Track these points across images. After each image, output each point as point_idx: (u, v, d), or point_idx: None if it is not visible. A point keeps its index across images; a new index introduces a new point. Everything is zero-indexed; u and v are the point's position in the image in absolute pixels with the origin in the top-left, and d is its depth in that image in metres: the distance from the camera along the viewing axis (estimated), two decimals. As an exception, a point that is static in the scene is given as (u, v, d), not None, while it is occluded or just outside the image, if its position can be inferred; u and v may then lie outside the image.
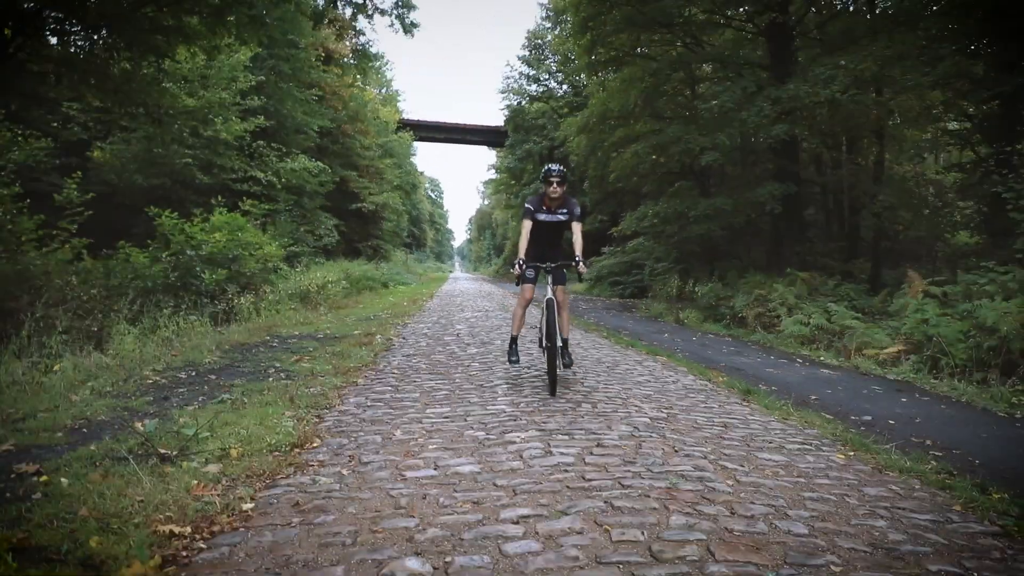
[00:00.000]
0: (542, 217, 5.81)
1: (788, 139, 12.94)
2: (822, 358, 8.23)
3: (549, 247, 5.93)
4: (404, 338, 9.23)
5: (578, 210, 5.85)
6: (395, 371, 6.54)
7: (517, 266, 5.68)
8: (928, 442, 4.36)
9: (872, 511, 2.97)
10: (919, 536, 2.71)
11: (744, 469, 3.54)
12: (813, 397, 5.81)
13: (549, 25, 36.77)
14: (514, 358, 6.06)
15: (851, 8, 15.88)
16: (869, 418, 5.05)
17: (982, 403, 5.66)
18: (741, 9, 15.33)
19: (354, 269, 20.83)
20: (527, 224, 5.81)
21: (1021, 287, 7.29)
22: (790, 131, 12.43)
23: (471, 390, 5.63)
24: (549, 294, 5.66)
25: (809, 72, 11.95)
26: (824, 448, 4.05)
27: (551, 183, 5.69)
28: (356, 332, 9.46)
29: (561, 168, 5.81)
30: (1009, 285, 7.43)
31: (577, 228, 5.76)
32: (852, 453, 3.96)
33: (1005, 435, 4.68)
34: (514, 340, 6.10)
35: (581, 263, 5.54)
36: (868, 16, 14.16)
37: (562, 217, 5.80)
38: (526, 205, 5.90)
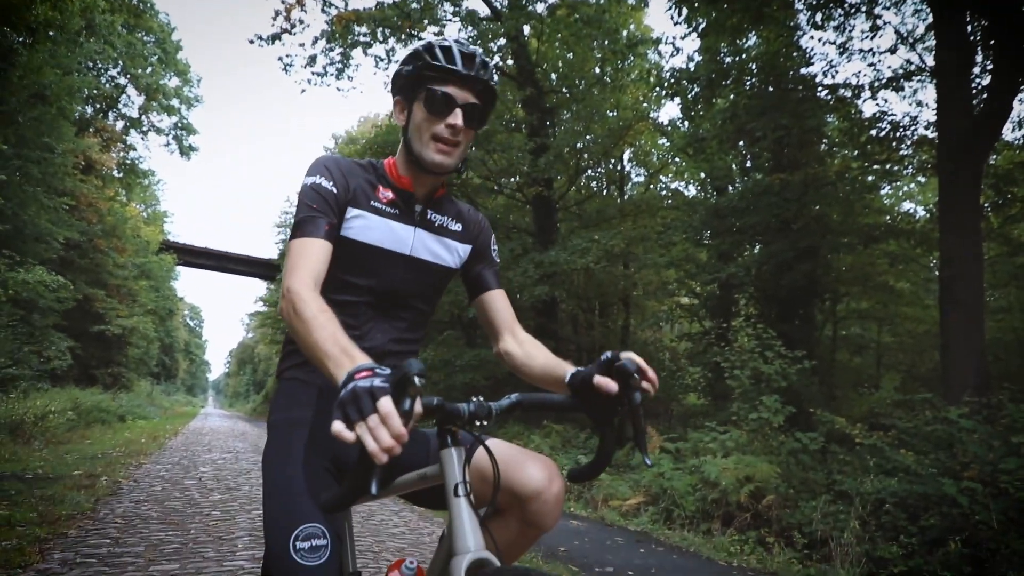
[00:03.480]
0: (376, 229, 1.64)
1: (549, 299, 14.04)
2: (572, 508, 8.52)
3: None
4: (136, 481, 8.04)
5: (496, 249, 1.95)
6: (118, 520, 5.59)
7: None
8: (661, 593, 4.59)
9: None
10: None
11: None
12: (562, 549, 5.92)
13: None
14: None
15: (604, 192, 18.32)
16: (611, 569, 5.23)
17: (706, 552, 6.14)
18: (512, 180, 16.91)
19: (85, 399, 18.14)
20: (316, 244, 1.53)
21: (737, 445, 8.28)
22: (550, 292, 13.51)
23: (208, 543, 4.96)
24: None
25: (568, 242, 13.32)
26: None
27: (449, 103, 1.57)
28: (76, 472, 8.07)
29: (483, 59, 1.62)
30: (728, 444, 8.38)
31: (504, 300, 1.88)
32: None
33: (725, 584, 5.09)
34: None
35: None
36: (618, 200, 16.39)
37: (450, 255, 1.81)
38: (319, 184, 1.59)
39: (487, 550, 1.21)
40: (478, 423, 1.27)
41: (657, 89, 14.44)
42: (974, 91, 8.78)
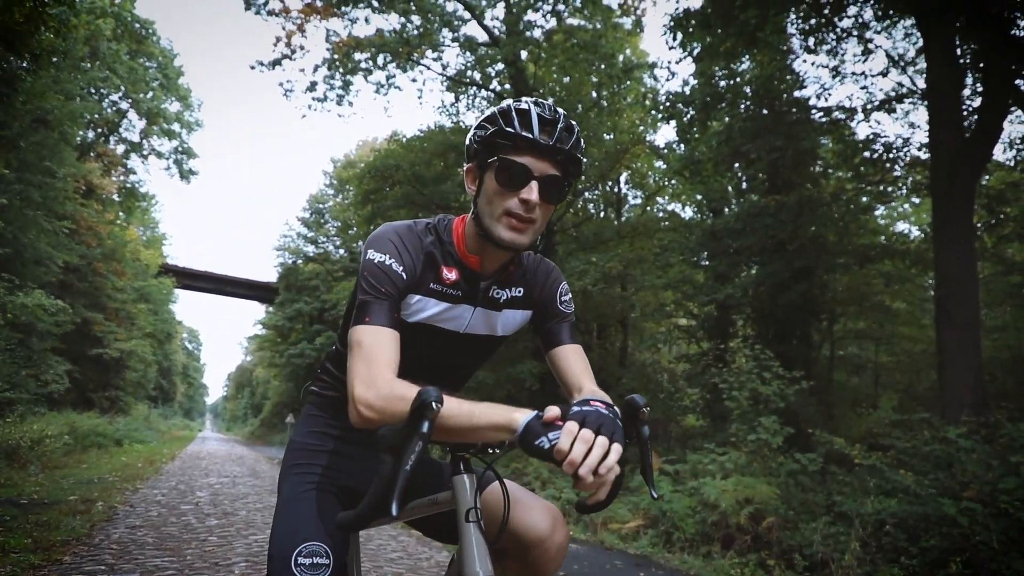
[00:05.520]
0: (433, 311, 1.53)
1: (547, 321, 14.03)
2: (571, 532, 8.47)
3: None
4: (132, 506, 7.99)
5: (568, 298, 1.69)
6: (113, 546, 5.55)
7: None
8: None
9: None
10: None
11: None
12: (561, 573, 5.89)
13: (332, 192, 37.72)
14: None
15: (601, 214, 18.44)
16: (611, 593, 5.20)
17: (707, 576, 6.12)
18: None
19: (82, 423, 18.04)
20: (385, 334, 1.37)
21: (736, 467, 8.25)
22: (548, 314, 13.50)
23: (204, 569, 4.93)
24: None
25: (566, 264, 13.37)
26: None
27: (524, 176, 1.39)
28: (72, 498, 8.03)
29: (567, 123, 1.42)
30: (727, 465, 8.36)
31: (575, 355, 1.62)
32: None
33: (725, 607, 5.05)
34: None
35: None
36: (615, 222, 16.49)
37: (507, 324, 1.65)
38: (388, 266, 1.44)
39: None
40: (490, 450, 1.29)
41: (653, 112, 14.62)
42: (965, 112, 8.90)
